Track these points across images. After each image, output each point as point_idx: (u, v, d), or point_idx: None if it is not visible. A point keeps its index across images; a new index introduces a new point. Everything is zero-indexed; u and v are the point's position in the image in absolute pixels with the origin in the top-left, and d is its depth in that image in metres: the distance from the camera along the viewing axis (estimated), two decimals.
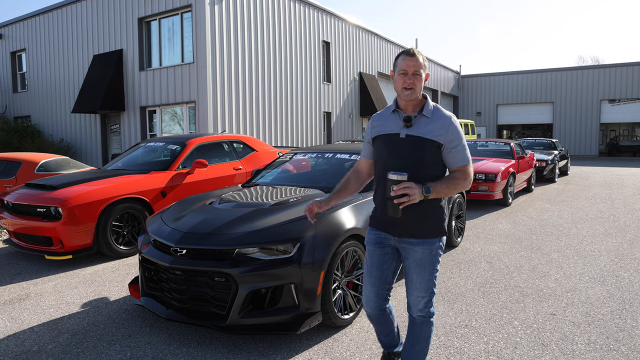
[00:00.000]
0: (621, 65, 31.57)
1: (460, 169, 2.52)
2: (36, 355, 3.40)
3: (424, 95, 2.58)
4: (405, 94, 2.49)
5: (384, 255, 2.67)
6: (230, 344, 3.51)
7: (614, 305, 4.25)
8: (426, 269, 2.56)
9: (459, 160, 2.51)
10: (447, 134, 2.48)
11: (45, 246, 5.77)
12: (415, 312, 2.64)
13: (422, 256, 2.55)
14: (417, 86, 2.47)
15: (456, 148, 2.50)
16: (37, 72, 20.28)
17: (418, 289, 2.59)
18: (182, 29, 15.45)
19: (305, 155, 5.82)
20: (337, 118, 21.12)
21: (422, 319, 2.64)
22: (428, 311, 2.62)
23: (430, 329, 2.65)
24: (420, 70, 2.46)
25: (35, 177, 8.39)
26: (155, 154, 7.67)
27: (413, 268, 2.58)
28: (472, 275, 5.16)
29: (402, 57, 2.49)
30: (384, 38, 25.08)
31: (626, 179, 15.70)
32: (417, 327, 2.66)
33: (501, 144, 12.34)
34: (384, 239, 2.66)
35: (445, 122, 2.51)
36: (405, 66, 2.47)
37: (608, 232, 7.32)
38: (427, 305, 2.61)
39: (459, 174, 2.51)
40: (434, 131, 2.49)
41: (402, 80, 2.48)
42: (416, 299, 2.61)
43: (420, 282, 2.57)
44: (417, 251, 2.55)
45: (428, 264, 2.56)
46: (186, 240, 3.58)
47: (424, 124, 2.51)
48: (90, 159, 18.47)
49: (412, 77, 2.46)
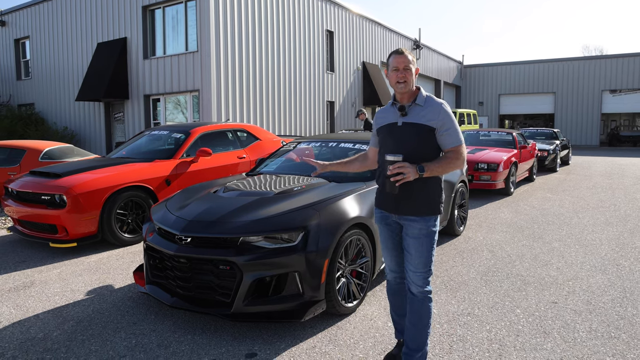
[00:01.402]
0: (622, 56, 31.50)
1: (452, 150, 2.76)
2: (41, 342, 3.44)
3: (418, 87, 2.85)
4: (399, 87, 2.76)
5: (391, 231, 2.95)
6: (234, 332, 3.54)
7: (615, 293, 4.28)
8: (424, 245, 2.78)
9: (451, 141, 2.76)
10: (439, 118, 2.74)
11: (50, 234, 5.81)
12: (415, 288, 2.82)
13: (420, 232, 2.78)
14: (408, 79, 2.74)
15: (448, 131, 2.75)
16: (41, 60, 20.26)
17: (416, 265, 2.79)
18: (186, 17, 15.39)
19: (309, 144, 5.83)
20: (340, 107, 21.08)
21: (422, 294, 2.81)
22: (426, 289, 2.82)
23: (430, 305, 2.83)
24: (409, 65, 2.75)
25: (39, 164, 8.42)
26: (159, 143, 7.67)
27: (412, 244, 2.80)
28: (475, 264, 5.19)
29: (393, 56, 2.78)
30: (387, 28, 24.95)
31: (627, 169, 15.68)
32: (419, 303, 2.82)
33: (503, 133, 12.32)
34: (387, 217, 2.94)
35: (436, 109, 2.77)
36: (396, 63, 2.75)
37: (609, 221, 7.33)
38: (425, 282, 2.81)
39: (452, 154, 2.76)
40: (426, 117, 2.76)
41: (395, 75, 2.76)
42: (414, 274, 2.81)
43: (419, 256, 2.78)
44: (415, 227, 2.79)
45: (425, 240, 2.78)
46: (191, 229, 3.60)
47: (417, 111, 2.79)
48: (94, 147, 18.51)
49: (404, 72, 2.74)
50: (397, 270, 3.01)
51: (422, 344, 2.84)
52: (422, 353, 2.85)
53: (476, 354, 3.19)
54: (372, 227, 4.02)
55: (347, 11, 21.26)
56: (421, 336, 2.83)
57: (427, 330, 2.84)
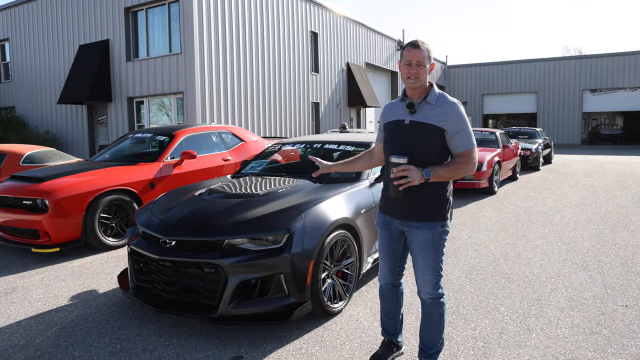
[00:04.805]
0: (603, 56, 32.06)
1: (463, 154, 2.59)
2: (24, 350, 3.38)
3: (430, 83, 2.67)
4: (409, 82, 2.60)
5: (391, 237, 2.84)
6: (221, 335, 3.53)
7: (596, 289, 4.35)
8: (430, 253, 2.65)
9: (463, 144, 2.58)
10: (450, 119, 2.57)
11: (32, 239, 5.73)
12: (424, 294, 2.75)
13: (425, 240, 2.65)
14: (420, 76, 2.57)
15: (459, 133, 2.58)
16: (21, 62, 19.95)
17: (424, 273, 2.69)
18: (169, 19, 15.29)
19: (294, 145, 5.83)
20: (325, 108, 21.10)
21: (432, 301, 2.74)
22: (437, 293, 2.73)
23: (442, 308, 2.76)
24: (424, 60, 2.57)
25: (21, 169, 8.30)
26: (143, 145, 7.62)
27: (418, 252, 2.69)
28: (459, 263, 5.23)
29: (407, 49, 2.60)
30: (371, 29, 25.04)
31: (607, 167, 15.93)
32: (428, 309, 2.77)
33: (487, 133, 12.44)
34: (389, 222, 2.82)
35: (448, 108, 2.59)
36: (410, 57, 2.57)
37: (590, 219, 7.45)
38: (435, 287, 2.71)
39: (462, 159, 2.59)
40: (437, 117, 2.58)
41: (407, 70, 2.59)
42: (423, 282, 2.72)
43: (426, 265, 2.67)
44: (420, 235, 2.66)
45: (432, 248, 2.65)
46: (175, 232, 3.58)
47: (427, 110, 2.61)
48: (76, 150, 18.27)
49: (416, 67, 2.56)
50: (389, 278, 2.93)
51: (435, 342, 2.82)
52: (436, 350, 2.84)
53: (461, 352, 3.22)
54: (358, 228, 4.04)
55: (331, 12, 21.30)
56: (435, 335, 2.81)
57: (440, 329, 2.80)
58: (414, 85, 2.59)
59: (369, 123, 25.46)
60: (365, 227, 4.20)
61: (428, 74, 2.61)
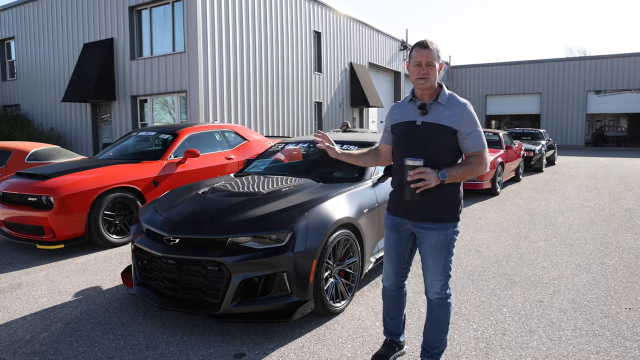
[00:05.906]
0: (607, 57, 31.90)
1: (475, 154, 2.61)
2: (29, 344, 3.41)
3: (440, 84, 2.66)
4: (419, 83, 2.58)
5: (400, 239, 2.82)
6: (223, 332, 3.55)
7: (599, 292, 4.35)
8: (442, 254, 2.66)
9: (474, 145, 2.60)
10: (462, 120, 2.57)
11: (37, 235, 5.76)
12: (432, 294, 2.75)
13: (437, 241, 2.65)
14: (430, 76, 2.56)
15: (471, 134, 2.59)
16: (26, 61, 20.04)
17: (434, 273, 2.69)
18: (173, 17, 15.32)
19: (297, 145, 5.84)
20: (328, 108, 21.11)
21: (440, 301, 2.75)
22: (445, 293, 2.74)
23: (448, 309, 2.77)
24: (433, 61, 2.55)
25: (26, 166, 8.33)
26: (146, 144, 7.65)
27: (429, 253, 2.68)
28: (462, 264, 5.24)
29: (416, 49, 2.58)
30: (374, 29, 25.03)
31: (611, 169, 15.89)
32: (435, 309, 2.78)
33: (490, 134, 12.41)
34: (400, 224, 2.79)
35: (459, 109, 2.59)
36: (419, 57, 2.56)
37: (594, 221, 7.44)
38: (444, 288, 2.72)
39: (474, 159, 2.60)
40: (449, 118, 2.58)
41: (417, 70, 2.57)
42: (432, 283, 2.72)
43: (437, 266, 2.67)
44: (432, 236, 2.65)
45: (443, 249, 2.65)
46: (179, 230, 3.60)
47: (439, 111, 2.60)
48: (81, 148, 18.34)
49: (426, 68, 2.55)
50: (393, 280, 2.93)
51: (439, 342, 2.83)
52: (439, 350, 2.85)
53: (463, 352, 3.22)
54: (360, 228, 4.05)
55: (335, 12, 21.30)
56: (439, 335, 2.82)
57: (444, 329, 2.81)
58: (425, 86, 2.58)
59: (371, 123, 25.45)
60: (368, 226, 4.22)
61: (437, 74, 2.60)
